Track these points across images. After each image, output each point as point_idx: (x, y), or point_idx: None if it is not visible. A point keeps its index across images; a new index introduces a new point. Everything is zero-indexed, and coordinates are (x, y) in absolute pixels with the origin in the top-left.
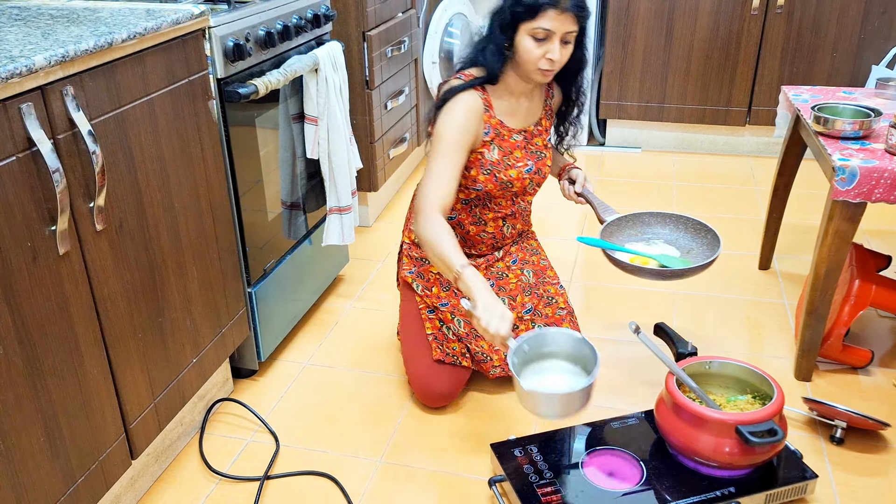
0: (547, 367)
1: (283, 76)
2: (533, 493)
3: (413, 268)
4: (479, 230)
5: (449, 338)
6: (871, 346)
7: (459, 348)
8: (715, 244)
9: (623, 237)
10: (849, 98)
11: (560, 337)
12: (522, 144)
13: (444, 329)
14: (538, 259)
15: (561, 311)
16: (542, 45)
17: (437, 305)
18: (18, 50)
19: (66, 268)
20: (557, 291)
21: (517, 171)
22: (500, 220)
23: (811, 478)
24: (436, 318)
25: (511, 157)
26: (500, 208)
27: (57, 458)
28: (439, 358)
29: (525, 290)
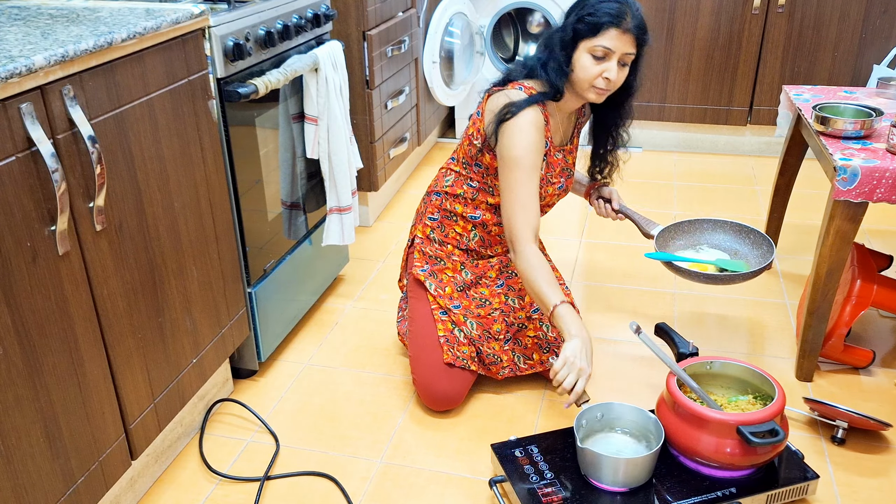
0: (613, 437)
1: (283, 76)
2: (533, 493)
3: (426, 265)
4: (500, 231)
5: (460, 341)
6: (873, 346)
7: (469, 352)
8: (761, 242)
9: (673, 247)
10: (850, 97)
11: (628, 411)
12: (561, 162)
13: (456, 332)
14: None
15: None
16: (599, 64)
17: (450, 307)
18: (18, 50)
19: (66, 268)
20: (564, 292)
21: (553, 188)
22: None
23: (812, 478)
24: (448, 321)
25: (554, 175)
26: None
27: (57, 458)
28: (450, 361)
29: None
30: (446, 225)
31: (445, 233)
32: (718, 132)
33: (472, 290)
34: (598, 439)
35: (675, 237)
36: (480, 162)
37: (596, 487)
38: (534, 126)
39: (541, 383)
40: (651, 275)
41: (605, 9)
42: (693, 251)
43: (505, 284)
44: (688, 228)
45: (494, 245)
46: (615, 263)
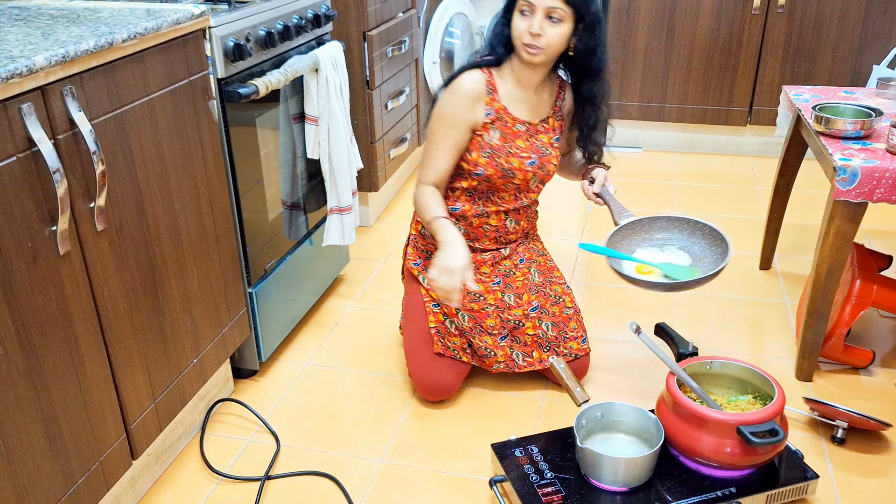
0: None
1: (284, 76)
2: (534, 493)
3: (419, 259)
4: (482, 222)
5: (451, 332)
6: (873, 346)
7: (461, 343)
8: (725, 254)
9: (636, 241)
10: (850, 98)
11: (628, 411)
12: (525, 136)
13: (448, 323)
14: (545, 260)
15: (568, 310)
16: (526, 19)
17: None
18: (19, 50)
19: (67, 268)
20: (564, 291)
21: (519, 161)
22: (503, 213)
23: (812, 478)
24: (440, 312)
25: (514, 146)
26: (503, 202)
27: (57, 458)
28: (440, 351)
29: (531, 289)
30: None
31: None
32: (718, 132)
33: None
34: (599, 439)
35: (644, 232)
36: None
37: (596, 487)
38: (465, 89)
39: (541, 383)
40: None
41: None
42: (657, 250)
43: (502, 282)
44: (649, 226)
45: (481, 238)
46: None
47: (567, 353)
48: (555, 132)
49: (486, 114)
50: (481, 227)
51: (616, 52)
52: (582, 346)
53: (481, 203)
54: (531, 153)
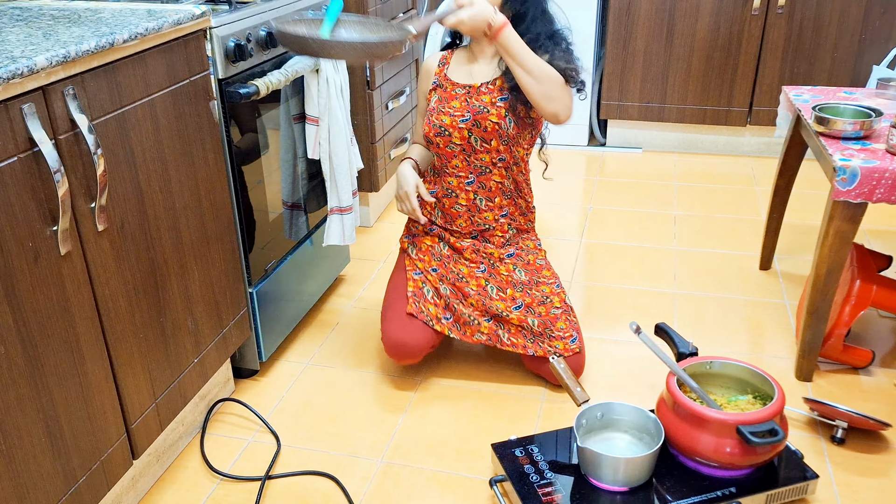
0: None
1: (285, 76)
2: (534, 493)
3: (409, 235)
4: (453, 202)
5: (427, 299)
6: (872, 346)
7: (436, 311)
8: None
9: None
10: (850, 98)
11: (628, 411)
12: (463, 97)
13: (426, 290)
14: (534, 258)
15: (556, 310)
16: None
17: (429, 270)
18: (20, 50)
19: (68, 268)
20: (553, 291)
21: (451, 119)
22: (467, 189)
23: (812, 478)
24: (420, 280)
25: (447, 106)
26: (458, 171)
27: (58, 458)
28: (412, 312)
29: (516, 286)
30: (421, 206)
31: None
32: (718, 133)
33: (450, 264)
34: (598, 439)
35: None
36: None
37: (596, 487)
38: (423, 66)
39: (541, 382)
40: (651, 275)
41: None
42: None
43: (487, 271)
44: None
45: (456, 219)
46: (615, 263)
47: (551, 350)
48: (501, 91)
49: (433, 83)
50: (453, 207)
51: (616, 53)
52: (569, 346)
53: (444, 181)
54: (465, 112)
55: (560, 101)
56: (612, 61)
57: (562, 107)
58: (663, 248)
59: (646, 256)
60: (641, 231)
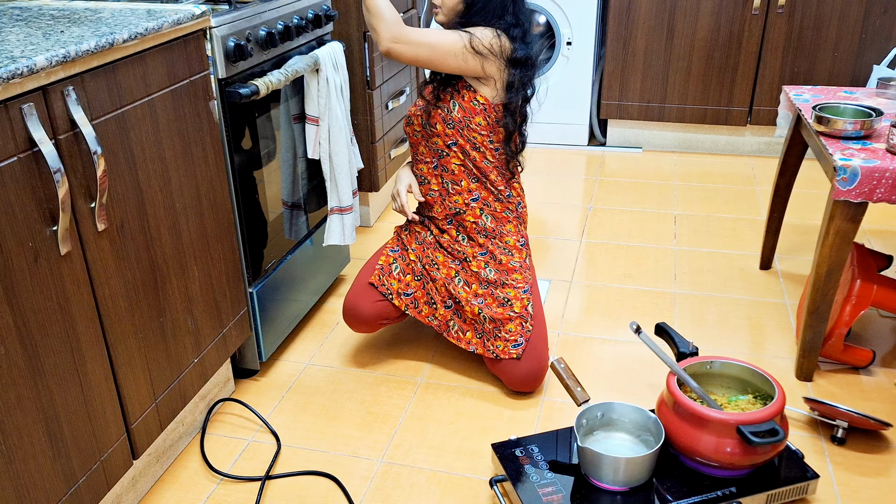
0: (613, 437)
1: (285, 76)
2: (534, 492)
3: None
4: (427, 189)
5: (393, 275)
6: (873, 346)
7: (397, 286)
8: None
9: None
10: (850, 98)
11: (629, 411)
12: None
13: (394, 267)
14: (508, 259)
15: (512, 313)
16: None
17: (406, 248)
18: (20, 50)
19: (68, 268)
20: (517, 296)
21: (414, 108)
22: (434, 173)
23: (812, 478)
24: (393, 256)
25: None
26: (424, 157)
27: (58, 458)
28: (373, 281)
29: (482, 283)
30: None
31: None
32: (718, 132)
33: (429, 250)
34: (599, 439)
35: None
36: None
37: (596, 487)
38: None
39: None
40: (651, 275)
41: None
42: None
43: (460, 265)
44: None
45: (434, 205)
46: (615, 263)
47: (491, 348)
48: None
49: None
50: (427, 193)
51: (616, 53)
52: (509, 350)
53: (417, 168)
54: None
55: (374, 30)
56: (612, 61)
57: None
58: (663, 247)
59: (646, 256)
60: (641, 231)
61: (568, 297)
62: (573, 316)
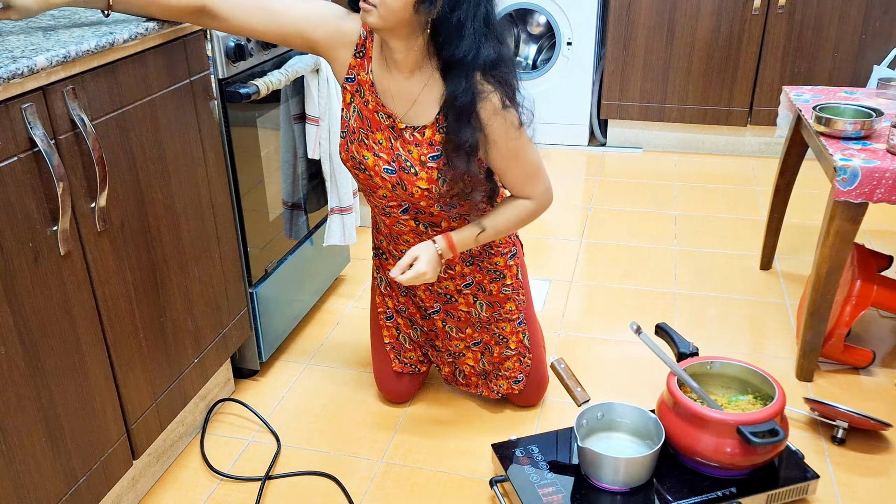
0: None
1: (285, 76)
2: (534, 493)
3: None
4: (393, 221)
5: (406, 347)
6: (873, 346)
7: (416, 357)
8: None
9: None
10: (850, 98)
11: (629, 411)
12: (387, 133)
13: (402, 338)
14: (499, 287)
15: (509, 350)
16: None
17: (397, 310)
18: (20, 50)
19: (68, 268)
20: (513, 329)
21: (374, 160)
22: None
23: (812, 478)
24: (393, 326)
25: (371, 137)
26: (387, 201)
27: (58, 458)
28: (398, 370)
29: (474, 324)
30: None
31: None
32: (719, 133)
33: (414, 298)
34: (599, 439)
35: None
36: None
37: (596, 487)
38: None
39: None
40: (651, 275)
41: None
42: None
43: (442, 310)
44: None
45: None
46: (615, 263)
47: (495, 389)
48: (432, 147)
49: (347, 77)
50: (394, 226)
51: (616, 53)
52: (511, 387)
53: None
54: (391, 160)
55: (538, 213)
56: (612, 61)
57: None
58: (663, 248)
59: (646, 256)
60: (641, 231)
61: (568, 297)
62: (573, 316)
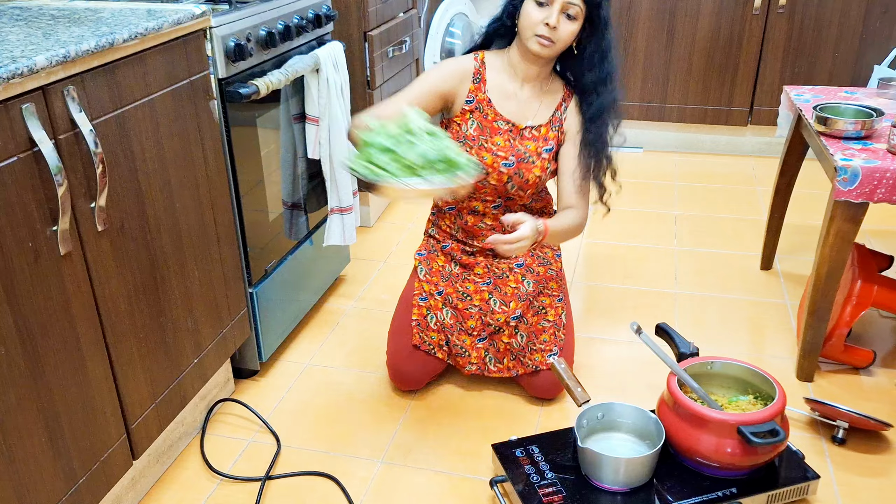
0: (614, 438)
1: (285, 76)
2: (534, 493)
3: (424, 251)
4: (477, 220)
5: (430, 327)
6: (873, 346)
7: (438, 339)
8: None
9: None
10: (850, 98)
11: (629, 411)
12: (506, 135)
13: (429, 318)
14: (546, 269)
15: (546, 322)
16: (542, 10)
17: (434, 293)
18: (20, 50)
19: (68, 268)
20: (552, 303)
21: (493, 158)
22: (494, 213)
23: (813, 478)
24: (424, 307)
25: (490, 141)
26: (485, 195)
27: (59, 458)
28: (416, 343)
29: (520, 297)
30: (440, 218)
31: (439, 225)
32: (719, 132)
33: (458, 283)
34: (599, 439)
35: None
36: None
37: (597, 487)
38: (452, 63)
39: None
40: (652, 275)
41: None
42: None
43: (492, 283)
44: None
45: (478, 236)
46: (615, 263)
47: (530, 364)
48: (546, 142)
49: (467, 101)
50: (475, 224)
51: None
52: (545, 361)
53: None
54: (509, 154)
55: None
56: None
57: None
58: (664, 248)
59: (646, 256)
60: (642, 231)
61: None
62: (574, 316)
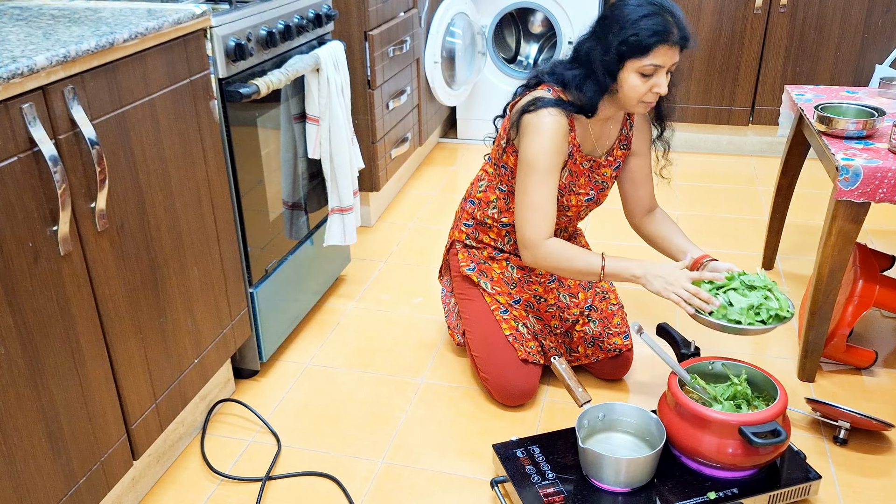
0: (615, 438)
1: (285, 76)
2: (535, 493)
3: (472, 264)
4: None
5: (526, 337)
6: (875, 346)
7: (535, 346)
8: None
9: None
10: (852, 97)
11: (630, 411)
12: (587, 172)
13: (521, 328)
14: None
15: (613, 306)
16: (648, 80)
17: (511, 304)
18: (20, 50)
19: (68, 268)
20: (609, 287)
21: (577, 199)
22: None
23: (815, 478)
24: (510, 318)
25: (577, 184)
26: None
27: (59, 458)
28: (524, 357)
29: (584, 286)
30: (480, 231)
31: (480, 238)
32: (720, 132)
33: (526, 287)
34: (600, 439)
35: None
36: (506, 164)
37: (598, 488)
38: (556, 130)
39: (542, 383)
40: None
41: (649, 27)
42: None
43: (556, 280)
44: None
45: None
46: None
47: (610, 348)
48: (616, 161)
49: (568, 153)
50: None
51: None
52: (625, 342)
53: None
54: (589, 189)
55: None
56: None
57: None
58: None
59: (647, 256)
60: None
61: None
62: None
